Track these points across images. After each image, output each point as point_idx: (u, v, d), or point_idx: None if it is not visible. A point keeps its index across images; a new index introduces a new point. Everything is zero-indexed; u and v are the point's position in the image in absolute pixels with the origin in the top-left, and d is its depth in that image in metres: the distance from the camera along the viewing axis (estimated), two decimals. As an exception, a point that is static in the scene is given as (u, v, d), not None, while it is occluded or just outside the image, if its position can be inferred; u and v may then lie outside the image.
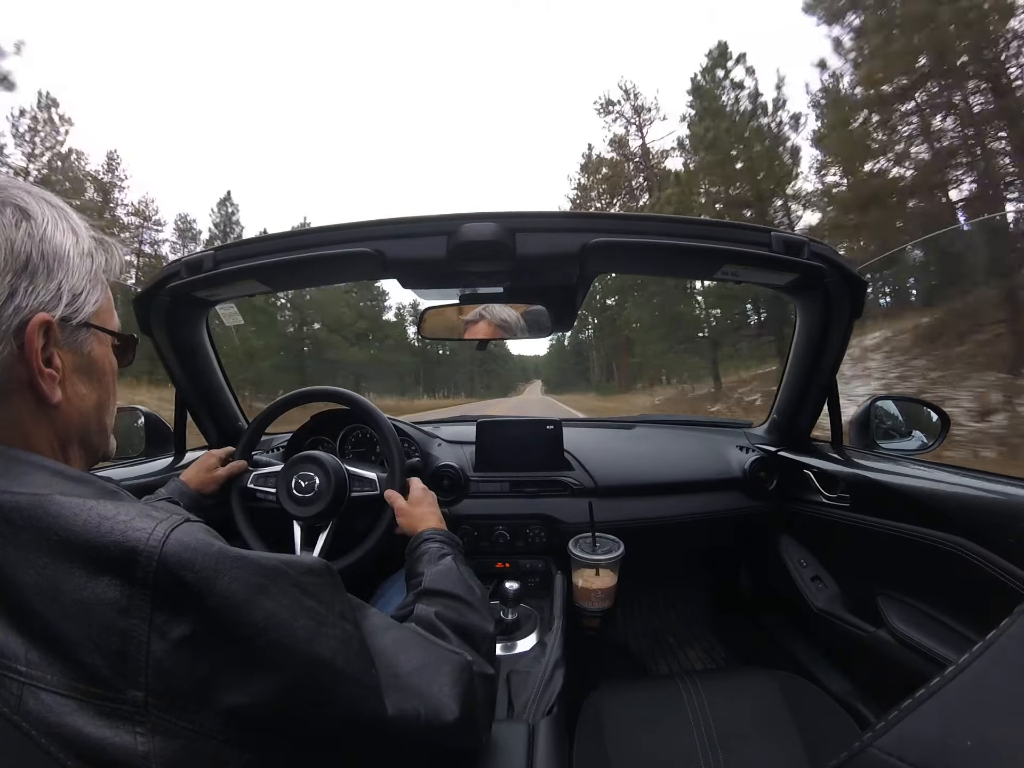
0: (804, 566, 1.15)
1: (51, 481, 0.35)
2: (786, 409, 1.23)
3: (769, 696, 0.81)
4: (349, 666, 0.37)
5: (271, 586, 0.34)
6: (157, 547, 0.30)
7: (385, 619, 0.47)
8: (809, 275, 0.91)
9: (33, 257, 0.37)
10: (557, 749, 0.68)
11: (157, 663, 0.29)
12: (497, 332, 1.08)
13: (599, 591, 0.98)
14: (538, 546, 1.15)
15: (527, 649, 0.88)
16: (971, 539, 0.75)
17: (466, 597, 0.61)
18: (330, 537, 0.94)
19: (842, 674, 1.05)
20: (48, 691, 0.28)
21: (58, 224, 0.39)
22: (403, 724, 0.40)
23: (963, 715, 0.29)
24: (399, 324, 37.06)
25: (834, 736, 0.75)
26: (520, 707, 0.74)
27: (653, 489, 1.21)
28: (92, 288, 0.41)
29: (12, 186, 0.38)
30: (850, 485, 1.00)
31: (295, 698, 0.33)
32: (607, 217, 1.13)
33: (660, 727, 0.79)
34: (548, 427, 1.24)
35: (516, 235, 0.83)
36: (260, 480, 0.99)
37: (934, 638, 0.81)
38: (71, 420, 0.41)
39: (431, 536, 0.75)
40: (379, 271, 0.93)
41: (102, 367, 0.44)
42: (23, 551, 0.30)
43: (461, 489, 1.17)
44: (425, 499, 0.89)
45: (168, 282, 0.96)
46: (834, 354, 1.04)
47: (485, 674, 0.52)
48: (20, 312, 0.36)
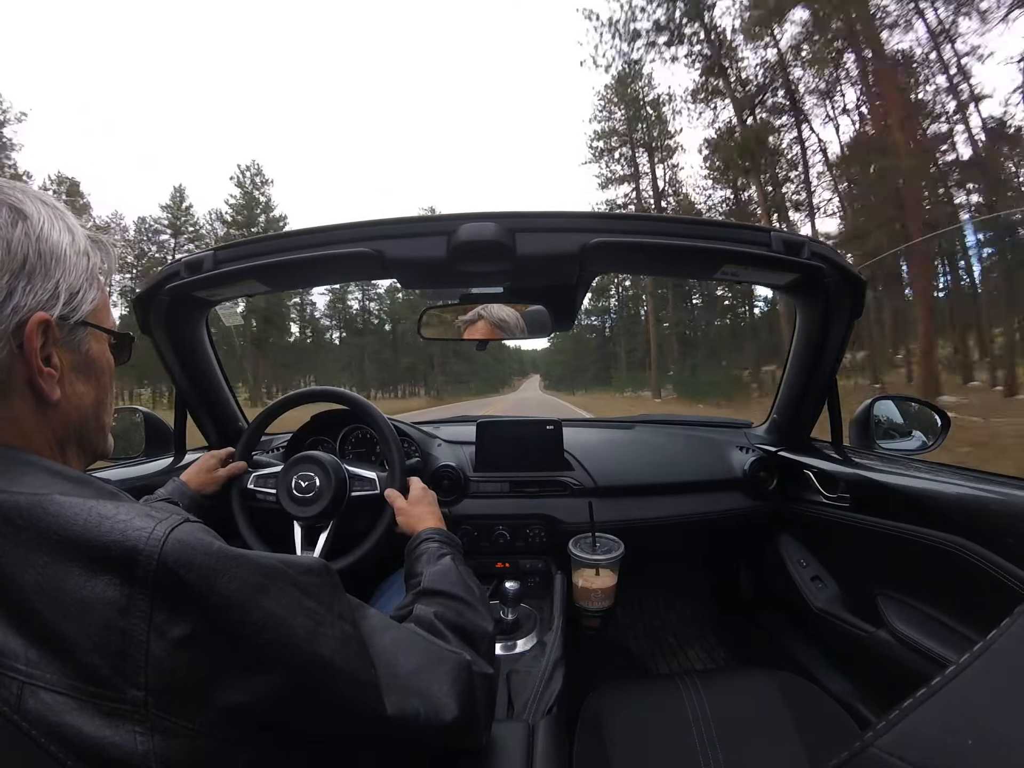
0: (804, 566, 1.15)
1: (50, 481, 0.35)
2: (786, 409, 1.23)
3: (769, 696, 0.81)
4: (348, 666, 0.37)
5: (270, 586, 0.34)
6: (157, 547, 0.30)
7: (384, 619, 0.47)
8: (809, 275, 0.91)
9: (30, 257, 0.37)
10: (557, 749, 0.68)
11: (156, 662, 0.29)
12: (496, 332, 1.08)
13: (599, 591, 0.98)
14: (538, 546, 1.15)
15: (527, 649, 0.88)
16: (971, 539, 0.75)
17: (465, 597, 0.61)
18: (330, 537, 0.94)
19: (842, 674, 1.05)
20: (48, 690, 0.28)
21: (54, 223, 0.39)
22: (402, 724, 0.40)
23: (963, 715, 0.29)
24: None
25: (834, 736, 0.75)
26: (520, 707, 0.74)
27: (653, 489, 1.21)
28: (89, 287, 0.41)
29: (7, 187, 0.38)
30: (850, 485, 1.00)
31: (294, 697, 0.33)
32: (607, 217, 1.13)
33: (660, 727, 0.79)
34: (548, 427, 1.24)
35: (516, 235, 0.83)
36: (260, 481, 0.99)
37: (934, 638, 0.81)
38: (69, 418, 0.41)
39: (430, 536, 0.75)
40: (379, 271, 0.93)
41: (100, 366, 0.44)
42: (23, 550, 0.30)
43: (461, 489, 1.17)
44: (425, 499, 0.89)
45: (168, 282, 0.96)
46: (834, 354, 1.04)
47: (484, 674, 0.52)
48: (19, 311, 0.36)
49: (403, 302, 34.40)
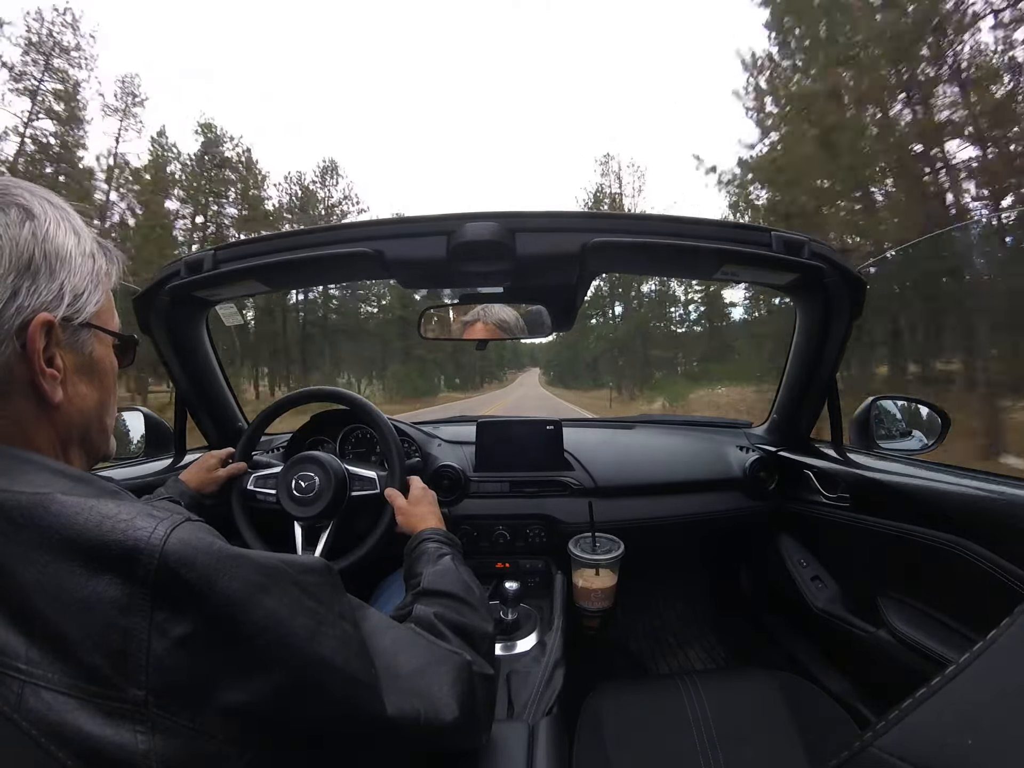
0: (804, 566, 1.16)
1: (52, 480, 0.35)
2: (786, 409, 1.23)
3: (769, 696, 0.81)
4: (348, 666, 0.37)
5: (271, 585, 0.34)
6: (158, 546, 0.30)
7: (385, 619, 0.47)
8: (809, 275, 0.91)
9: (36, 257, 0.37)
10: (557, 749, 0.68)
11: (157, 661, 0.29)
12: (496, 332, 1.08)
13: (599, 591, 0.98)
14: (538, 546, 1.15)
15: (527, 649, 0.88)
16: (971, 539, 0.75)
17: (465, 597, 0.61)
18: (331, 537, 0.94)
19: (842, 674, 1.05)
20: (49, 689, 0.28)
21: (60, 224, 0.39)
22: (403, 724, 0.40)
23: (964, 714, 0.29)
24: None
25: (834, 736, 0.75)
26: (520, 707, 0.74)
27: (653, 489, 1.21)
28: (93, 289, 0.41)
29: (15, 186, 0.38)
30: (850, 485, 1.00)
31: (295, 697, 0.33)
32: (607, 217, 1.13)
33: (660, 727, 0.79)
34: (548, 427, 1.24)
35: (516, 235, 0.84)
36: (260, 481, 0.99)
37: (934, 638, 0.81)
38: (72, 420, 0.41)
39: (430, 536, 0.75)
40: (379, 271, 0.93)
41: (103, 367, 0.44)
42: (24, 549, 0.30)
43: (461, 489, 1.17)
44: (425, 498, 0.89)
45: (168, 282, 0.96)
46: (834, 354, 1.04)
47: (485, 674, 0.52)
48: (22, 312, 0.36)
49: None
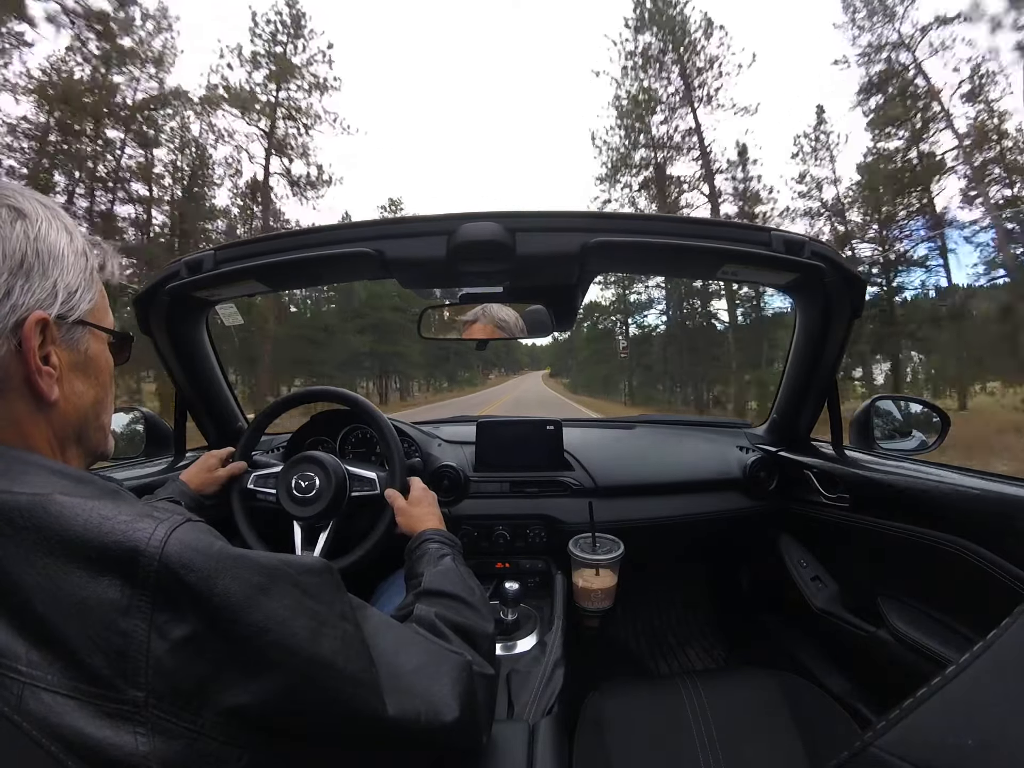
0: (804, 566, 1.15)
1: (51, 481, 0.35)
2: (786, 409, 1.23)
3: (769, 696, 0.81)
4: (349, 666, 0.37)
5: (272, 586, 0.34)
6: (159, 547, 0.30)
7: (385, 619, 0.47)
8: (809, 275, 0.91)
9: (28, 256, 0.37)
10: (557, 749, 0.68)
11: (158, 663, 0.29)
12: (496, 332, 1.08)
13: (599, 591, 0.98)
14: (538, 546, 1.15)
15: (527, 649, 0.88)
16: (971, 539, 0.75)
17: (466, 597, 0.61)
18: (331, 537, 0.94)
19: (842, 674, 1.05)
20: (49, 691, 0.28)
21: (52, 223, 0.39)
22: (403, 724, 0.40)
23: (964, 714, 0.29)
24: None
25: (834, 736, 0.75)
26: (520, 707, 0.73)
27: (653, 489, 1.21)
28: (87, 286, 0.42)
29: (5, 187, 0.39)
30: (850, 485, 1.00)
31: (295, 698, 0.33)
32: (607, 217, 1.13)
33: (660, 727, 0.79)
34: (548, 427, 1.24)
35: (516, 235, 0.84)
36: (260, 481, 0.99)
37: (934, 638, 0.81)
38: (69, 418, 0.41)
39: (430, 536, 0.75)
40: (379, 271, 0.93)
41: (99, 365, 0.44)
42: (24, 551, 0.30)
43: (461, 489, 1.17)
44: (425, 499, 0.89)
45: (168, 282, 0.96)
46: (834, 354, 1.04)
47: (485, 674, 0.52)
48: (17, 310, 0.36)
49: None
